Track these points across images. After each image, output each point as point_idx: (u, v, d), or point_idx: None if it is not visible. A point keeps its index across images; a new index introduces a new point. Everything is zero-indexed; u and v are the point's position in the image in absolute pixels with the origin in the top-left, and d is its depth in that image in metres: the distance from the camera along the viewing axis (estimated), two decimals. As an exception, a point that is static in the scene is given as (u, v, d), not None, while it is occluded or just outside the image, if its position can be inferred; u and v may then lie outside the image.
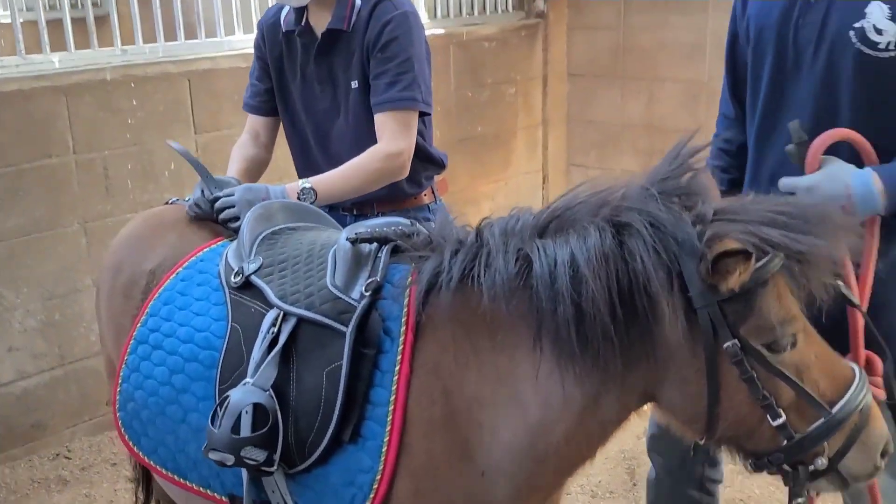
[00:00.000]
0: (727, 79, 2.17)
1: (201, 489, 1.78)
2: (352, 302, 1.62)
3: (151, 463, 1.86)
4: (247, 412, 1.59)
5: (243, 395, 1.61)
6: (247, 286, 1.80)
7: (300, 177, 2.69)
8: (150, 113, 3.74)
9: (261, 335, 1.68)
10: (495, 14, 5.20)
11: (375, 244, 1.67)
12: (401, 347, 1.56)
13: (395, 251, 1.68)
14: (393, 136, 2.32)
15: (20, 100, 3.39)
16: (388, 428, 1.54)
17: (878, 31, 1.77)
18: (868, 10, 1.78)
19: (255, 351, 1.67)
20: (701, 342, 1.42)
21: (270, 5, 4.09)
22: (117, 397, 1.91)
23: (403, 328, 1.56)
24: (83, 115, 3.55)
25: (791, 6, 1.90)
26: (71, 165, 3.56)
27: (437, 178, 2.64)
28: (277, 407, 1.61)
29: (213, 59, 3.91)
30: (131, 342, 1.91)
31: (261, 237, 1.89)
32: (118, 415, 1.92)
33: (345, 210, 2.52)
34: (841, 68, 1.83)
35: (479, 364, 1.52)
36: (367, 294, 1.60)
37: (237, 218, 2.04)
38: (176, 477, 1.82)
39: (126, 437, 1.91)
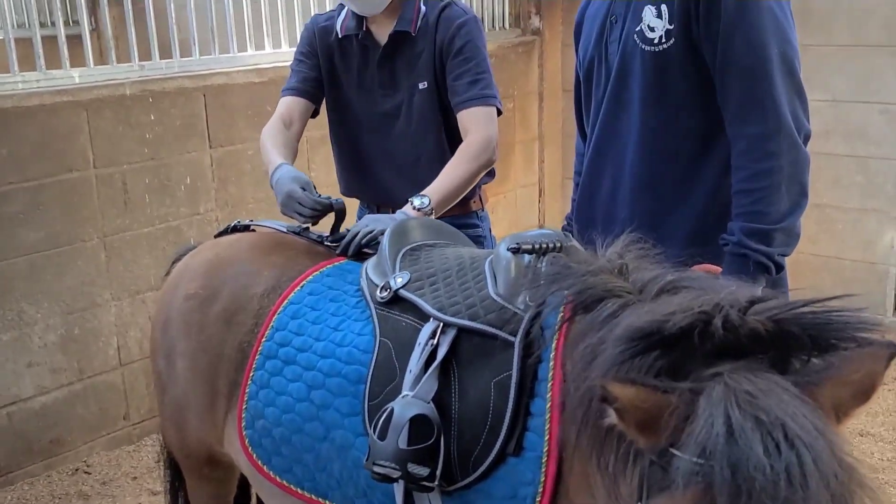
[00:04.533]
0: (576, 105, 2.38)
1: None
2: (517, 311, 1.59)
3: (284, 482, 1.82)
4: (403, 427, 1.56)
5: (405, 407, 1.57)
6: (395, 301, 1.78)
7: (342, 173, 2.75)
8: (168, 127, 3.77)
9: (418, 348, 1.65)
10: (493, 31, 5.30)
11: (535, 255, 1.64)
12: (553, 353, 1.52)
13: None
14: (483, 126, 2.42)
15: (42, 114, 3.40)
16: (547, 438, 1.49)
17: (651, 29, 2.01)
18: (643, 13, 2.03)
19: (412, 364, 1.64)
20: None
21: (281, 20, 4.20)
22: (243, 415, 1.88)
23: (557, 336, 1.52)
24: (103, 130, 3.57)
25: (601, 28, 2.16)
26: (91, 180, 3.57)
27: (483, 185, 2.70)
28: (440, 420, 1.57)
29: (227, 74, 3.96)
30: (257, 357, 1.88)
31: (402, 253, 1.89)
32: (245, 433, 1.88)
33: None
34: (631, 67, 2.07)
35: None
36: (533, 304, 1.57)
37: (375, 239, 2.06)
38: (314, 497, 1.77)
39: (254, 455, 1.86)
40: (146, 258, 3.79)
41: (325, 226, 2.21)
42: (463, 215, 2.61)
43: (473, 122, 2.42)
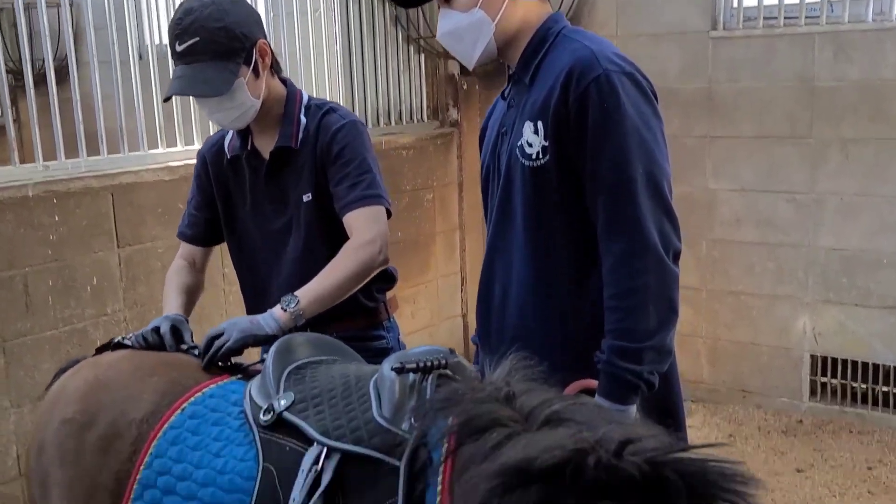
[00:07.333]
0: (483, 208, 2.38)
1: None
2: (402, 434, 1.57)
3: None
4: None
5: None
6: (278, 424, 1.73)
7: (245, 300, 2.69)
8: (72, 228, 3.68)
9: (301, 474, 1.61)
10: (412, 124, 5.36)
11: (420, 374, 1.62)
12: (441, 478, 1.47)
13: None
14: (364, 228, 2.33)
15: (-62, 218, 3.30)
16: None
17: (530, 145, 2.04)
18: (523, 129, 2.05)
19: (295, 492, 1.59)
20: None
21: (195, 120, 4.18)
22: None
23: (443, 458, 1.48)
24: (4, 233, 3.47)
25: (496, 140, 2.20)
26: (-11, 284, 3.46)
27: (388, 294, 2.64)
28: None
29: (136, 173, 3.90)
30: (135, 487, 1.80)
31: (287, 372, 1.84)
32: None
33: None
34: (514, 179, 2.10)
35: None
36: (418, 426, 1.54)
37: (233, 351, 2.07)
38: None
39: None
40: (48, 363, 3.65)
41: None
42: (369, 327, 2.57)
43: (356, 223, 2.35)
